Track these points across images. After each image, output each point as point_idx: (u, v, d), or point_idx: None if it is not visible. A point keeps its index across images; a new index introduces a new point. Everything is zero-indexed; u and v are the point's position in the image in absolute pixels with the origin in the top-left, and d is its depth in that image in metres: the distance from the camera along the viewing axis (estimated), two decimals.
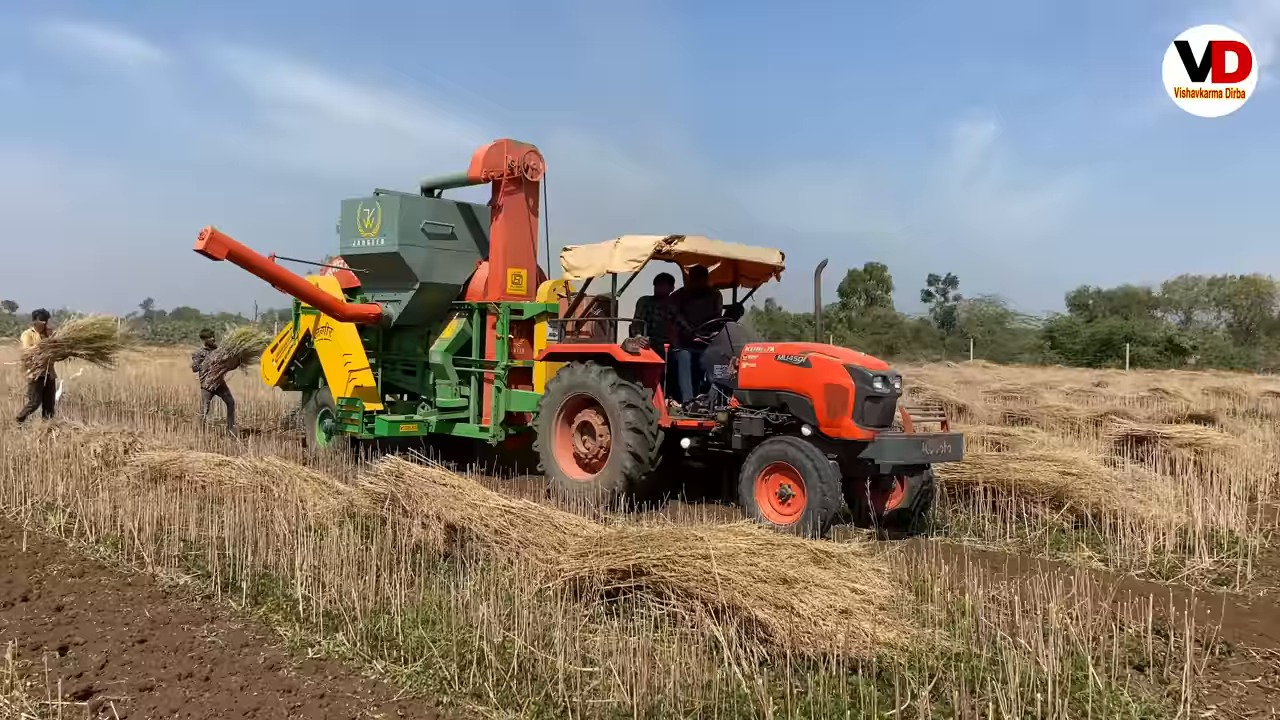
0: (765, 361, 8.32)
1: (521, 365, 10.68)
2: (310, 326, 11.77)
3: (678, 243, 8.82)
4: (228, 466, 8.36)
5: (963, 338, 56.73)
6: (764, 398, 8.28)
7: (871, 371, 7.84)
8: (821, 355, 8.05)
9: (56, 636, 4.93)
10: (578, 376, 9.06)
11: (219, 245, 9.65)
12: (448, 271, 11.15)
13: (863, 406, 7.68)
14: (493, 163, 10.76)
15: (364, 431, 10.67)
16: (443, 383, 11.21)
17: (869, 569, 4.86)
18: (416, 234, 10.80)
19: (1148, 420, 13.71)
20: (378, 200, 10.94)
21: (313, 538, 6.06)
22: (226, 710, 4.06)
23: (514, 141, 10.94)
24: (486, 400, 10.87)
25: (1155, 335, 54.47)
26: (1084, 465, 8.33)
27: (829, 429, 7.71)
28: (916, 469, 7.93)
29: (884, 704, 3.95)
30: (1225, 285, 64.41)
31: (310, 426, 12.00)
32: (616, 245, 9.04)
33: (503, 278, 10.92)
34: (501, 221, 10.95)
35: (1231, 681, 4.66)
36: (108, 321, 13.04)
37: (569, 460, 9.27)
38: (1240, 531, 7.48)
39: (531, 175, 10.98)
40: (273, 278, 10.44)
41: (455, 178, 11.33)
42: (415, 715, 4.07)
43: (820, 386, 7.80)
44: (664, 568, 5.01)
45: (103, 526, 7.04)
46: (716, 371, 9.28)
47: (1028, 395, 20.46)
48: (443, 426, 11.08)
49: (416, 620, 4.92)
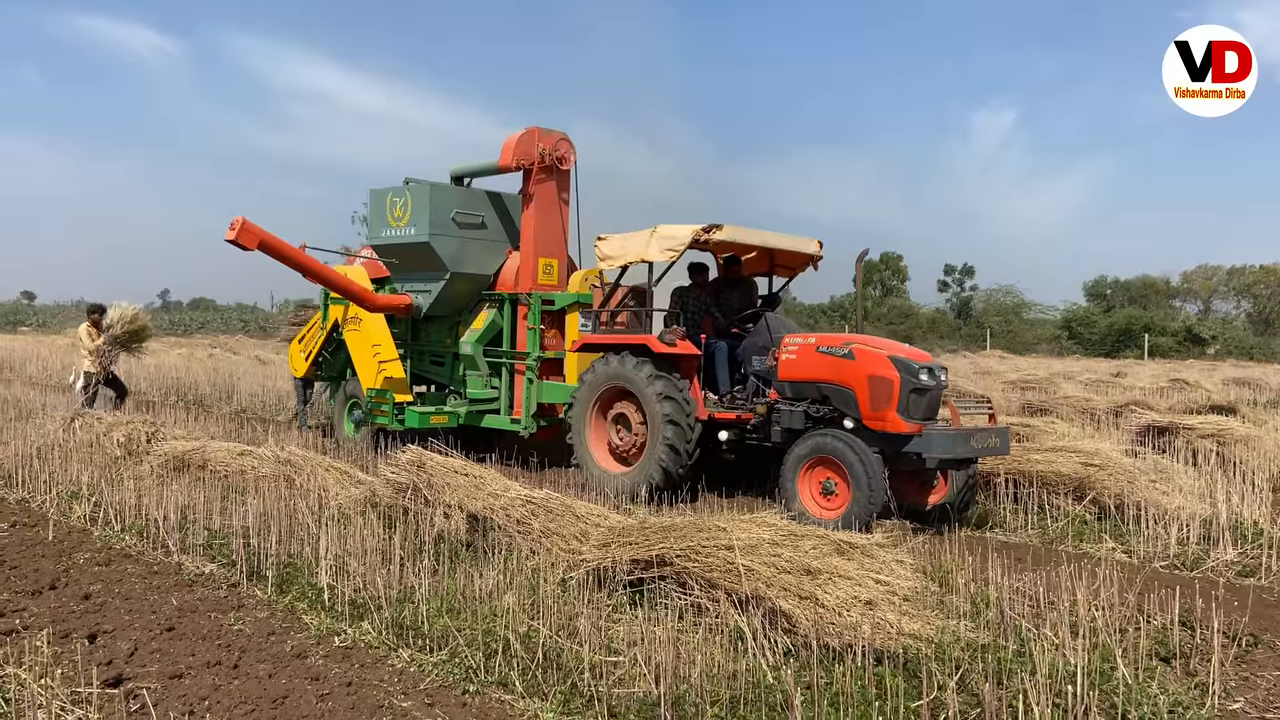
0: (806, 353, 8.18)
1: (552, 356, 10.61)
2: (339, 317, 11.72)
3: (716, 231, 8.63)
4: (249, 456, 8.41)
5: (979, 328, 56.43)
6: (804, 390, 8.15)
7: (917, 363, 7.67)
8: (865, 346, 7.89)
9: (85, 624, 4.98)
10: (614, 368, 8.96)
11: (250, 236, 9.62)
12: (478, 261, 11.07)
13: (908, 399, 7.52)
14: (523, 151, 10.68)
15: (394, 423, 10.61)
16: (473, 374, 11.14)
17: (892, 560, 4.85)
18: (447, 223, 10.73)
19: (1168, 411, 13.60)
20: (407, 189, 10.88)
21: (336, 527, 6.09)
22: (256, 698, 4.10)
23: (544, 130, 10.83)
24: (518, 392, 10.78)
25: (1174, 325, 54.01)
26: (1106, 456, 8.28)
27: (872, 422, 7.57)
28: (963, 463, 7.77)
29: (911, 695, 3.94)
30: (1245, 274, 63.85)
31: (338, 417, 11.98)
32: (653, 234, 8.87)
33: (534, 268, 10.84)
34: (532, 211, 10.87)
35: (1259, 674, 4.63)
36: (141, 314, 13.17)
37: (603, 452, 9.19)
38: (1264, 523, 7.42)
39: (563, 164, 10.90)
40: (303, 268, 10.40)
41: (485, 166, 11.25)
42: (442, 703, 4.09)
43: (864, 378, 7.65)
44: (687, 558, 5.02)
45: (127, 515, 7.10)
46: (755, 363, 9.08)
47: (1046, 386, 20.31)
48: (472, 418, 11.02)
49: (441, 609, 4.94)
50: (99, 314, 13.03)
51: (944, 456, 7.45)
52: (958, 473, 7.86)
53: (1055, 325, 57.37)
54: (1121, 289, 64.50)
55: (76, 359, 13.62)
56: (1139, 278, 65.34)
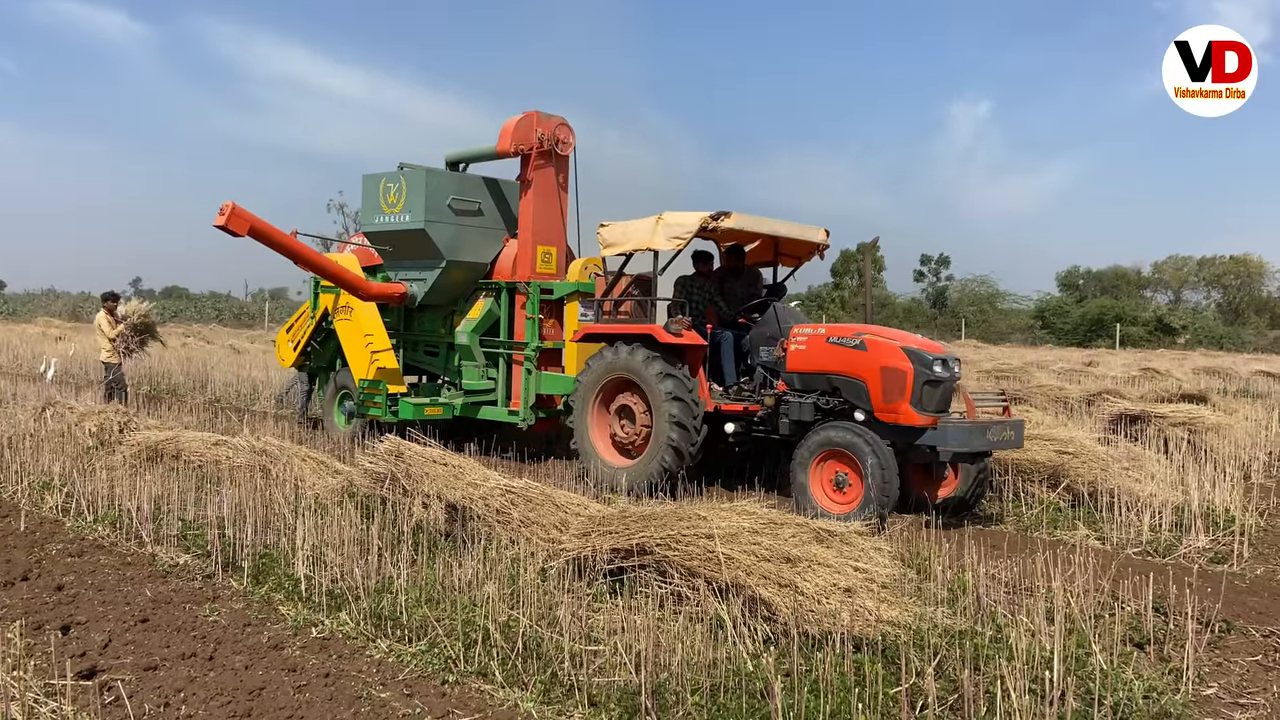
0: (816, 343, 8.01)
1: (551, 346, 10.43)
2: (329, 306, 11.49)
3: (725, 219, 8.39)
4: (224, 446, 8.32)
5: (954, 318, 56.78)
6: (814, 381, 7.98)
7: (930, 354, 7.53)
8: (877, 337, 7.74)
9: (58, 616, 4.92)
10: (618, 358, 8.76)
11: (240, 221, 9.35)
12: (475, 249, 10.85)
13: (921, 391, 7.38)
14: (521, 136, 10.46)
15: (387, 415, 10.36)
16: (469, 364, 10.91)
17: (871, 547, 4.89)
18: (443, 210, 10.49)
19: (1140, 400, 13.76)
20: (402, 175, 10.59)
21: (313, 517, 6.04)
22: (232, 689, 4.06)
23: (543, 114, 10.58)
24: (516, 383, 10.56)
25: (1145, 315, 54.61)
26: (1080, 444, 8.36)
27: (885, 414, 7.44)
28: (977, 456, 7.64)
29: (889, 681, 3.97)
30: (1215, 265, 64.58)
31: (329, 409, 11.75)
32: (658, 222, 8.63)
33: (532, 256, 10.61)
34: (530, 197, 10.63)
35: (1232, 659, 4.70)
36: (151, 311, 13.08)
37: (606, 444, 9.01)
38: (1235, 510, 7.52)
39: (561, 149, 10.65)
40: (295, 255, 10.17)
41: (482, 151, 11.04)
42: (421, 694, 4.07)
43: (876, 370, 7.51)
44: (667, 547, 5.02)
45: (100, 506, 7.01)
46: (762, 354, 8.88)
47: (1020, 375, 20.49)
48: (468, 410, 10.75)
49: (420, 600, 4.91)
50: (114, 301, 12.80)
51: (960, 449, 7.29)
52: (969, 466, 7.71)
53: (1029, 315, 57.85)
54: (1094, 279, 65.10)
55: (48, 349, 13.42)
56: (1111, 268, 66.04)
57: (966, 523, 7.70)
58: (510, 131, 10.50)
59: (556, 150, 10.61)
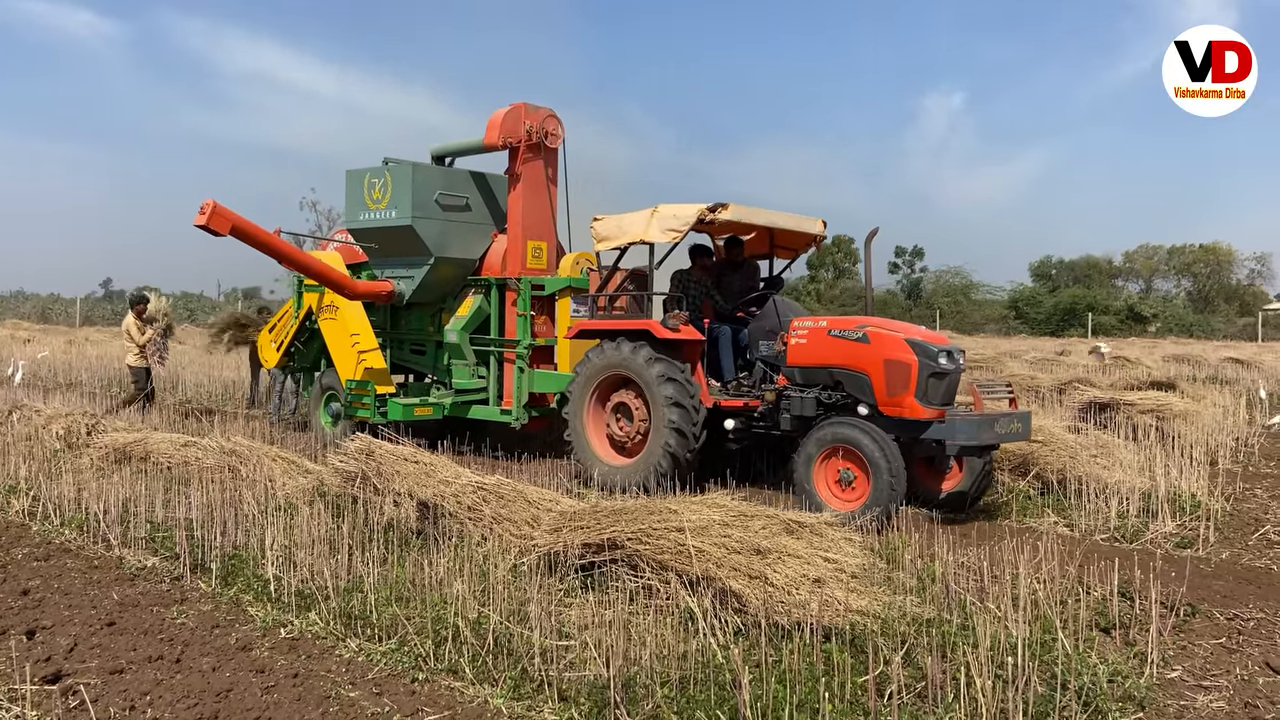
0: (817, 337, 7.84)
1: (543, 344, 10.25)
2: (313, 305, 11.29)
3: (722, 211, 8.20)
4: (194, 447, 8.26)
5: (929, 309, 57.07)
6: (815, 375, 7.82)
7: (935, 346, 7.38)
8: (880, 330, 7.56)
9: (23, 620, 4.87)
10: (614, 355, 8.53)
11: (222, 220, 9.09)
12: (463, 245, 10.64)
13: (926, 384, 7.23)
14: (510, 129, 10.26)
15: (375, 416, 10.12)
16: (458, 363, 10.69)
17: (841, 538, 4.91)
18: (430, 205, 10.25)
19: (1110, 388, 13.90)
20: (387, 170, 10.38)
21: (283, 517, 6.00)
22: (199, 692, 4.03)
23: (531, 106, 10.41)
24: (507, 381, 10.40)
25: (1116, 304, 55.20)
26: (1049, 432, 8.44)
27: (889, 408, 7.31)
28: (984, 450, 7.47)
29: (857, 670, 3.99)
30: (1185, 254, 65.39)
31: (315, 410, 11.51)
32: (653, 214, 8.45)
33: (522, 251, 10.43)
34: (519, 191, 10.44)
35: (1196, 643, 4.76)
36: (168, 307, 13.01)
37: (603, 443, 8.78)
38: (1202, 496, 7.62)
39: (551, 141, 10.47)
40: (279, 254, 9.99)
41: (469, 145, 10.82)
42: (391, 692, 4.06)
43: (879, 363, 7.36)
44: (638, 541, 5.03)
45: (67, 509, 6.94)
46: (761, 348, 8.68)
47: (993, 365, 20.66)
48: (458, 409, 10.57)
49: (390, 598, 4.89)
50: (143, 305, 12.50)
51: (968, 444, 7.15)
52: (974, 459, 7.53)
53: (1003, 305, 58.29)
54: (1066, 269, 65.71)
55: (16, 350, 13.23)
56: (1083, 258, 66.72)
57: (936, 512, 7.74)
58: (498, 124, 10.32)
59: (545, 143, 10.44)
